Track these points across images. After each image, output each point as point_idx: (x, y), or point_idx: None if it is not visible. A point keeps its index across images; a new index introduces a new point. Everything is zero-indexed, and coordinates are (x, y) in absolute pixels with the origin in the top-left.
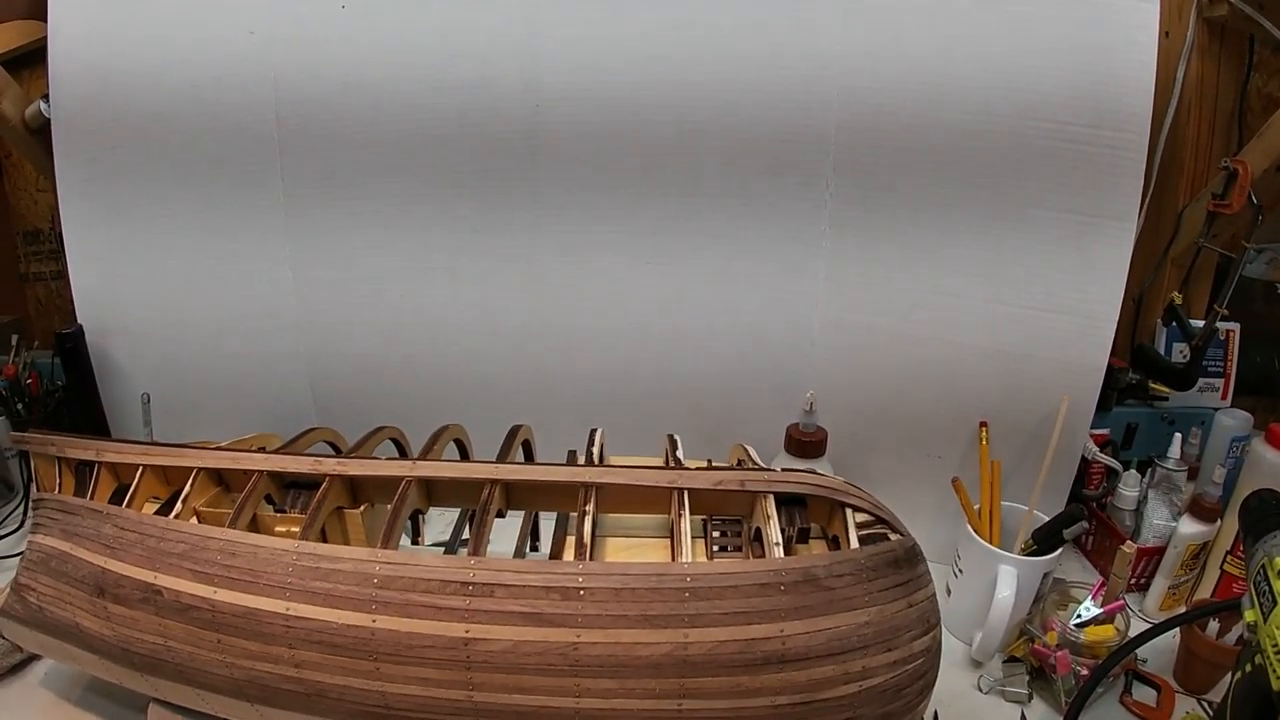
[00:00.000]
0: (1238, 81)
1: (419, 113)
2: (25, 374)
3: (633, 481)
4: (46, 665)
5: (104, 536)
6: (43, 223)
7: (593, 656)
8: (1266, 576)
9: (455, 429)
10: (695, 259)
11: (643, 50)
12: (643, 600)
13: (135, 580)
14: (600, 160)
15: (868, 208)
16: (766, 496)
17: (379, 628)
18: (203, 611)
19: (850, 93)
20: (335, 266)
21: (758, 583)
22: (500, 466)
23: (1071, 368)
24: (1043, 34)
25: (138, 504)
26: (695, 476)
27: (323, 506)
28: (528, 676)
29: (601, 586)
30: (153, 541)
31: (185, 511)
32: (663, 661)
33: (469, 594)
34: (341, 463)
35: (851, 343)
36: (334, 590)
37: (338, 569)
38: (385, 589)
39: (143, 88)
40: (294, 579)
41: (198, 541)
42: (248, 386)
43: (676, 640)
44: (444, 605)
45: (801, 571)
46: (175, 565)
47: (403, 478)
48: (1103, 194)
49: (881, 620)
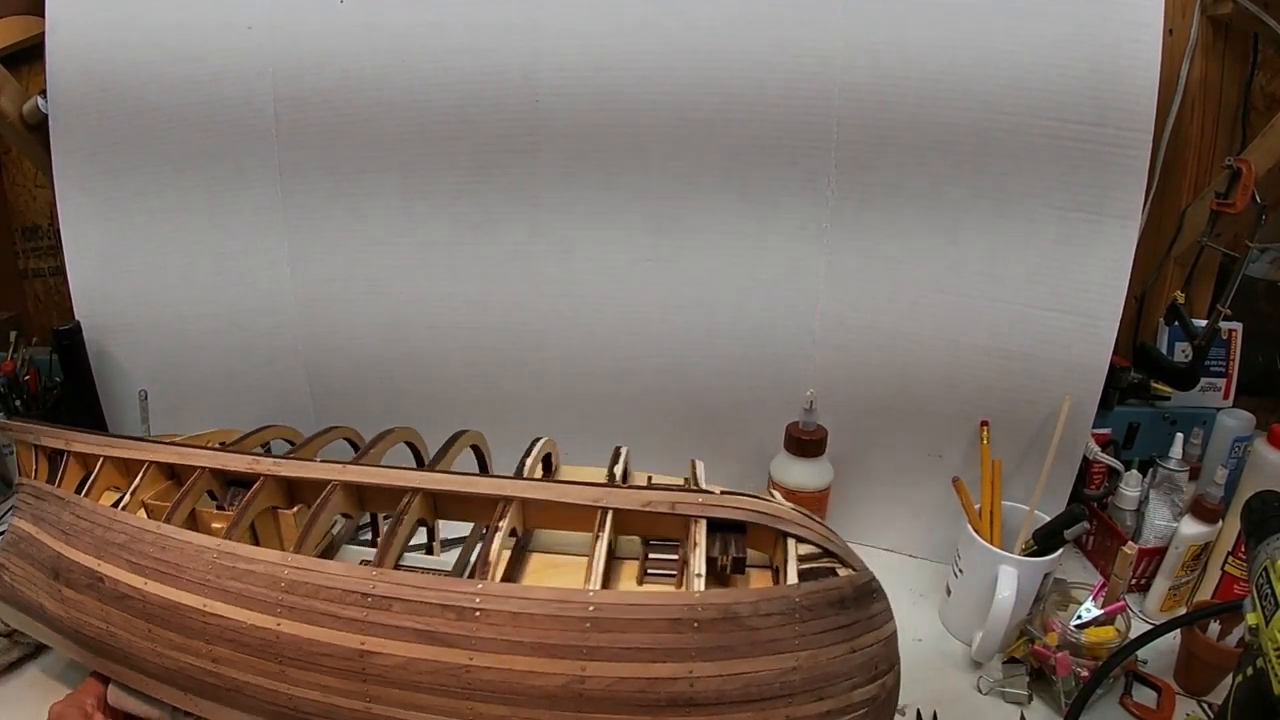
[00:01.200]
0: (1241, 80)
1: (418, 108)
2: (23, 370)
3: (554, 498)
4: (44, 664)
5: (62, 523)
6: (41, 219)
7: (485, 681)
8: (1269, 579)
9: (405, 432)
10: (695, 257)
11: (643, 45)
12: (540, 627)
13: (83, 567)
14: (600, 156)
15: (869, 205)
16: (698, 521)
17: (284, 631)
18: (135, 601)
19: (852, 89)
20: (334, 263)
21: (668, 617)
22: (425, 475)
23: (1073, 367)
24: (1046, 31)
25: (95, 493)
26: (623, 496)
27: (251, 506)
28: (421, 695)
29: (498, 609)
30: (100, 531)
31: (133, 503)
32: (558, 694)
33: (367, 606)
34: (277, 463)
35: (852, 341)
36: (246, 591)
37: (251, 570)
38: (291, 594)
39: (140, 84)
40: (212, 576)
41: (136, 533)
42: (246, 383)
43: (573, 673)
44: (343, 615)
45: (720, 608)
46: (116, 555)
47: (329, 481)
48: (1106, 192)
49: (813, 666)
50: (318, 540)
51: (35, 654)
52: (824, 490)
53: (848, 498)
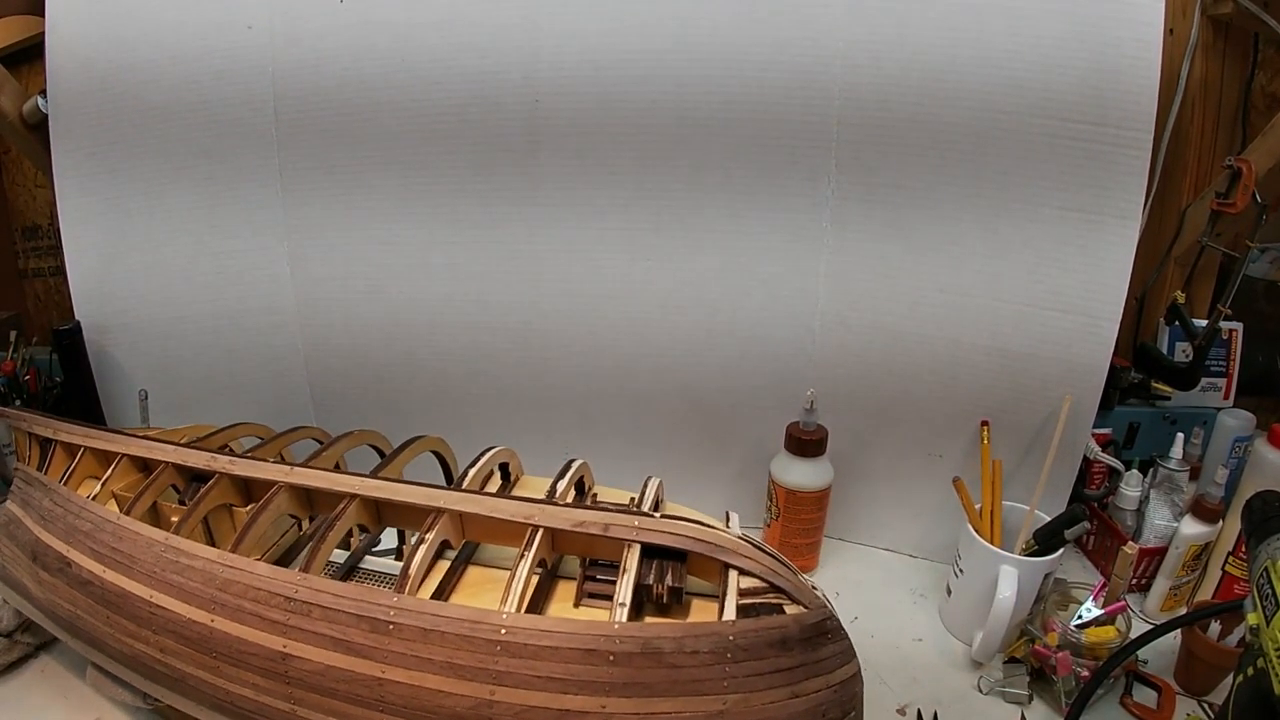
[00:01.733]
0: (1241, 79)
1: (418, 108)
2: (23, 370)
3: (485, 512)
4: (44, 663)
5: (42, 508)
6: (41, 218)
7: (398, 695)
8: (1269, 579)
9: (367, 434)
10: (695, 257)
11: (643, 45)
12: (450, 646)
13: (55, 551)
14: (600, 155)
15: (870, 204)
16: (631, 546)
17: (216, 628)
18: (96, 588)
19: (852, 89)
20: (334, 263)
21: (581, 647)
22: (366, 481)
23: (1074, 367)
24: (1047, 30)
25: (74, 482)
26: (556, 514)
27: (203, 503)
28: (339, 702)
29: (411, 624)
30: (71, 518)
31: (103, 494)
32: (467, 715)
33: (289, 610)
34: (233, 461)
35: (853, 340)
36: (185, 585)
37: (192, 565)
38: (224, 591)
39: (140, 83)
40: (158, 569)
41: (99, 523)
42: (246, 383)
43: (481, 696)
44: (267, 617)
45: (640, 641)
46: (81, 542)
47: (276, 482)
48: (1106, 192)
49: (744, 711)
50: (260, 540)
51: (35, 653)
52: (824, 490)
53: (848, 498)
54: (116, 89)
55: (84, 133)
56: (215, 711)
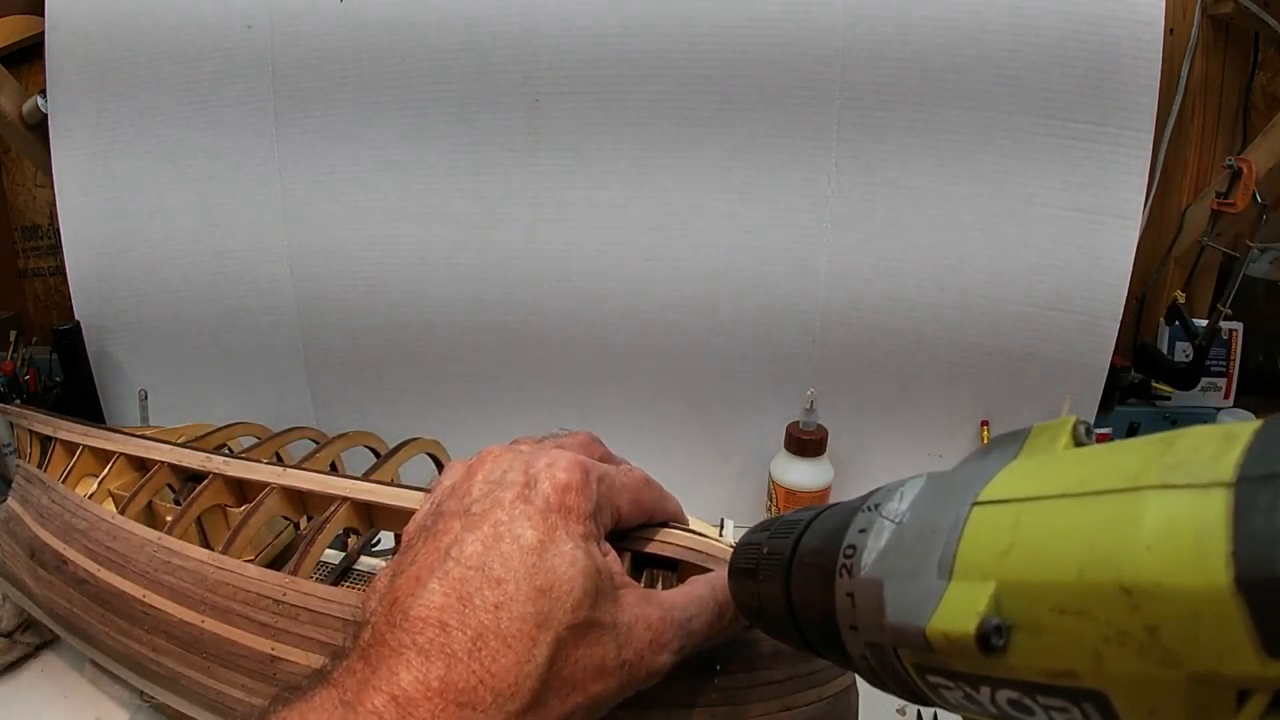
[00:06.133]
0: (1242, 79)
1: (417, 108)
2: (23, 370)
3: None
4: (44, 662)
5: (41, 505)
6: (41, 218)
7: None
8: None
9: (363, 436)
10: (696, 255)
11: (644, 45)
12: None
13: (52, 549)
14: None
15: (870, 203)
16: (623, 555)
17: (206, 629)
18: (90, 586)
19: (853, 87)
20: (334, 263)
21: None
22: (357, 484)
23: (1074, 366)
24: (1047, 29)
25: (73, 480)
26: None
27: (195, 503)
28: None
29: None
30: (68, 516)
31: (100, 493)
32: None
33: (277, 612)
34: (227, 462)
35: (853, 340)
36: (177, 585)
37: (183, 566)
38: (214, 593)
39: (140, 83)
40: (151, 569)
41: (95, 521)
42: (246, 383)
43: None
44: (256, 619)
45: None
46: (77, 540)
47: (268, 484)
48: (1106, 191)
49: None
50: (253, 541)
51: (36, 653)
52: (824, 490)
53: (848, 498)
54: (116, 89)
55: (84, 133)
56: (208, 711)
